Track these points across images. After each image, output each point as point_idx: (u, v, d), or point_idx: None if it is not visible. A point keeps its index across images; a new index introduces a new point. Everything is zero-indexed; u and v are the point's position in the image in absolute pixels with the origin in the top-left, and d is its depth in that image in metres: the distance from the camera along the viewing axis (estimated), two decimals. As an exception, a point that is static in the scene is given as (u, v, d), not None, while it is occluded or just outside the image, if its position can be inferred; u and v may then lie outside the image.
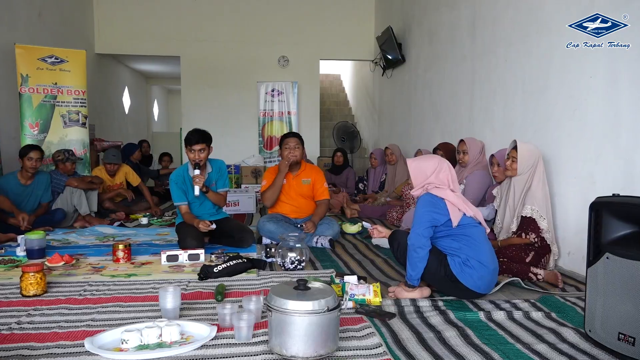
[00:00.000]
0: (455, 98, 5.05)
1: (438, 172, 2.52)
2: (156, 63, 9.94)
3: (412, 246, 2.42)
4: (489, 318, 2.25)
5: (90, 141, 6.08)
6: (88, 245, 3.85)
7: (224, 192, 3.88)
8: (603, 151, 2.96)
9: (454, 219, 2.44)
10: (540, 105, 3.54)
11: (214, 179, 3.83)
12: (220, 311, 2.07)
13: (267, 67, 8.24)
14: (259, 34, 8.18)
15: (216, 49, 8.14)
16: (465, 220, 2.46)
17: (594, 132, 3.03)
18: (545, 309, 2.37)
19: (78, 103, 5.63)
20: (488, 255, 2.44)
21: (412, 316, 2.28)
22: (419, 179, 2.56)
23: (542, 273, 2.86)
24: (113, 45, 8.01)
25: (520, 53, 3.80)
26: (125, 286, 2.72)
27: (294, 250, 3.09)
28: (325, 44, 8.33)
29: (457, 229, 2.44)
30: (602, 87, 2.97)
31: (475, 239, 2.44)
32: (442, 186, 2.49)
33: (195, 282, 2.78)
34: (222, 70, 8.19)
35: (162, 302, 2.14)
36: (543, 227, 2.97)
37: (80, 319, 2.20)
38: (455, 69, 5.05)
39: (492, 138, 4.18)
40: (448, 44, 5.25)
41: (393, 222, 4.91)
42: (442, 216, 2.44)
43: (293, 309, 1.72)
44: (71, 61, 5.57)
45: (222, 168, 3.90)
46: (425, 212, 2.44)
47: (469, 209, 2.49)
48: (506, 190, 3.27)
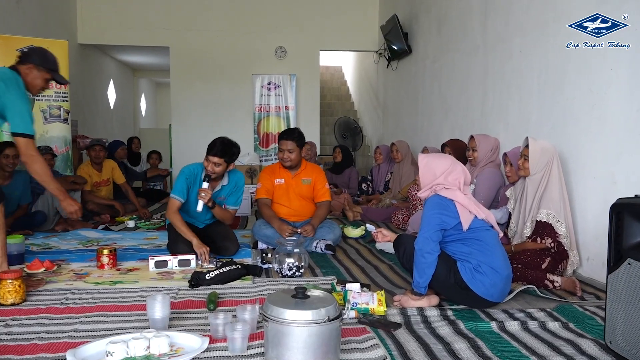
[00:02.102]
0: (466, 91, 5.05)
1: (448, 173, 2.52)
2: (144, 54, 9.94)
3: (420, 251, 2.42)
4: (502, 328, 2.25)
5: (73, 138, 6.09)
6: (70, 251, 3.85)
7: (233, 210, 3.73)
8: (625, 149, 2.96)
9: (465, 222, 2.44)
10: (557, 99, 3.54)
11: (226, 193, 3.67)
12: (213, 321, 2.07)
13: (263, 59, 8.25)
14: (254, 23, 8.19)
15: (208, 39, 8.15)
16: (476, 224, 2.47)
17: (615, 128, 3.03)
18: (563, 318, 2.37)
19: (59, 97, 5.64)
20: (501, 260, 2.45)
21: (419, 326, 2.28)
22: (427, 179, 2.56)
23: (559, 280, 2.86)
24: (97, 35, 8.01)
25: (537, 43, 3.81)
26: (110, 294, 2.72)
27: (292, 256, 3.10)
28: (325, 34, 8.34)
29: (467, 233, 2.45)
30: (624, 80, 2.98)
31: (487, 243, 2.44)
32: (451, 187, 2.50)
33: (185, 290, 2.78)
34: (214, 62, 8.19)
35: (150, 311, 2.13)
36: (561, 232, 2.98)
37: (62, 329, 2.20)
38: (466, 60, 5.05)
39: (506, 135, 4.19)
40: (458, 33, 5.25)
41: (399, 225, 4.91)
42: (451, 219, 2.44)
43: (291, 319, 1.72)
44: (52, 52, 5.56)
45: (239, 184, 3.72)
46: (433, 214, 2.44)
47: (480, 211, 2.49)
48: (520, 191, 3.27)
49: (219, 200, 3.64)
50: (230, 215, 3.71)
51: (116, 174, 5.62)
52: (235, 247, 3.63)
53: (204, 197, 3.41)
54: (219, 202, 3.63)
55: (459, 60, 5.24)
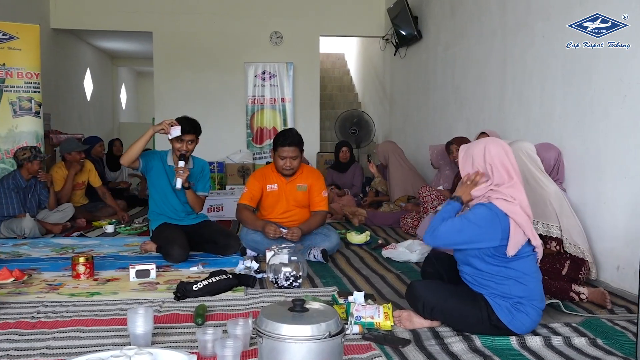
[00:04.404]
0: (483, 82, 5.05)
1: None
2: (124, 40, 9.94)
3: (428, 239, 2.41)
4: (523, 345, 2.25)
5: (45, 133, 6.08)
6: (42, 259, 3.85)
7: (203, 197, 4.05)
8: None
9: (513, 247, 2.26)
10: (584, 90, 3.54)
11: (194, 179, 3.94)
12: (201, 337, 2.07)
13: (256, 45, 8.24)
14: (247, 5, 8.18)
15: (195, 23, 8.14)
16: (522, 249, 2.31)
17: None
18: (590, 334, 2.37)
19: (30, 88, 5.63)
20: (540, 292, 2.36)
21: (430, 342, 2.28)
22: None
23: (586, 292, 2.86)
24: (72, 19, 8.00)
25: (561, 27, 3.80)
26: (86, 307, 2.72)
27: (289, 264, 3.10)
28: (326, 18, 8.33)
29: (507, 259, 2.30)
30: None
31: (526, 274, 2.31)
32: (512, 199, 2.30)
33: (170, 302, 2.78)
34: (202, 49, 8.18)
35: (130, 326, 2.14)
36: (556, 235, 3.00)
37: (33, 346, 2.20)
38: (483, 46, 5.05)
39: (527, 129, 4.19)
40: (474, 17, 5.25)
41: (408, 230, 4.91)
42: (494, 240, 2.27)
43: (288, 335, 1.72)
44: (22, 38, 5.57)
45: (205, 169, 4.06)
46: (475, 230, 2.27)
47: (535, 234, 2.35)
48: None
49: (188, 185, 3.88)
50: (201, 201, 4.02)
51: (92, 176, 5.59)
52: (238, 245, 3.88)
53: (182, 175, 3.70)
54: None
55: (474, 46, 5.24)
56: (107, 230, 4.93)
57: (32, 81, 5.64)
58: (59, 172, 5.39)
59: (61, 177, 5.35)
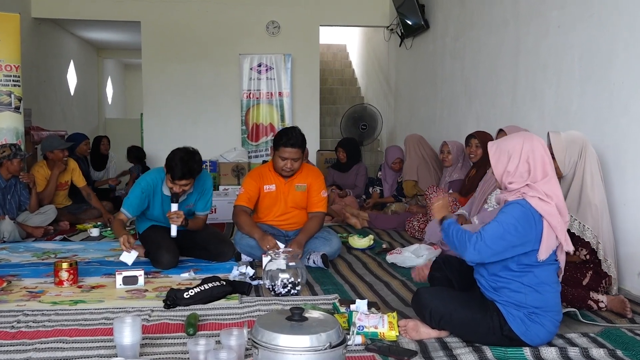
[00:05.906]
0: (494, 75, 5.05)
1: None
2: (110, 30, 9.93)
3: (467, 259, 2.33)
4: (537, 357, 2.25)
5: (26, 130, 6.08)
6: (23, 264, 3.85)
7: (204, 216, 3.97)
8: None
9: (545, 251, 2.23)
10: (603, 83, 3.54)
11: (193, 199, 3.84)
12: (192, 348, 2.07)
13: (252, 36, 8.24)
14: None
15: (187, 12, 8.14)
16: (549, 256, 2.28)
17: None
18: (609, 345, 2.37)
19: (10, 81, 5.63)
20: (557, 302, 2.34)
21: (437, 354, 2.28)
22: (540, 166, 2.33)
23: (605, 300, 2.86)
24: (55, 8, 8.00)
25: (578, 15, 3.80)
26: (70, 316, 2.72)
27: (287, 270, 3.10)
28: (326, 6, 8.33)
29: (533, 265, 2.27)
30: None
31: (545, 282, 2.29)
32: (547, 199, 2.25)
33: (160, 311, 2.78)
34: (194, 40, 8.19)
35: (117, 336, 2.13)
36: (589, 239, 2.98)
37: (12, 357, 2.20)
38: (494, 37, 5.05)
39: (541, 126, 4.19)
40: (484, 5, 5.26)
41: (414, 233, 4.91)
42: (525, 244, 2.24)
43: (286, 346, 1.72)
44: (1, 28, 5.57)
45: (207, 186, 3.91)
46: (513, 232, 2.21)
47: (568, 238, 2.32)
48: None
49: (187, 209, 3.79)
50: (202, 223, 3.96)
51: (76, 176, 5.58)
52: (232, 251, 3.87)
53: (176, 220, 3.61)
54: (187, 210, 3.80)
55: (485, 37, 5.25)
56: (92, 234, 4.93)
57: (11, 74, 5.64)
58: (40, 171, 5.37)
59: (43, 177, 5.33)
